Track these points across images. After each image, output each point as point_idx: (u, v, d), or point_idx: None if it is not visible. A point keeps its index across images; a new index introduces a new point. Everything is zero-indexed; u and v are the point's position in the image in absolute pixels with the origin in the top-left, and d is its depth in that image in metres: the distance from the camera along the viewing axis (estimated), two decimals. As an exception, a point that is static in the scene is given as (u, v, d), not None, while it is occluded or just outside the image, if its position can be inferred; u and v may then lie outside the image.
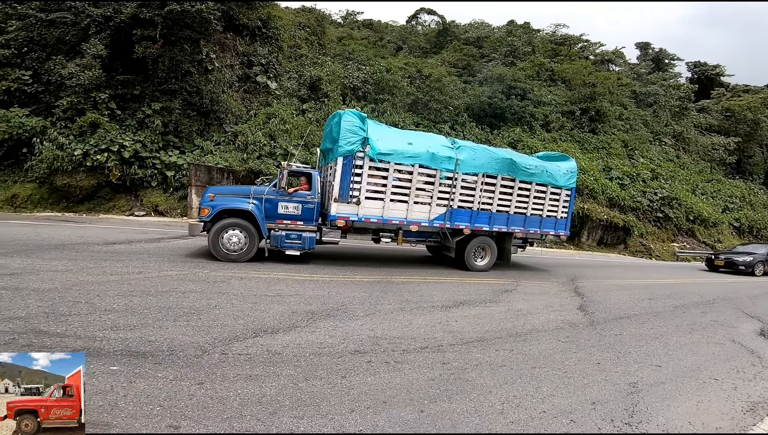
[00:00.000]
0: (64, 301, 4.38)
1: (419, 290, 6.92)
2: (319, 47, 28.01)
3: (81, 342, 3.42)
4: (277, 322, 4.54)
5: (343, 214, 8.20)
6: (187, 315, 4.42)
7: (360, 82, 23.64)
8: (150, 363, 3.25)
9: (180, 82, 17.75)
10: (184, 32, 16.79)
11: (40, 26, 17.71)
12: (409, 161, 8.60)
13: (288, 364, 3.52)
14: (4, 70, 17.09)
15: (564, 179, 10.55)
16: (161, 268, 6.59)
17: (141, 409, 2.63)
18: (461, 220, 9.24)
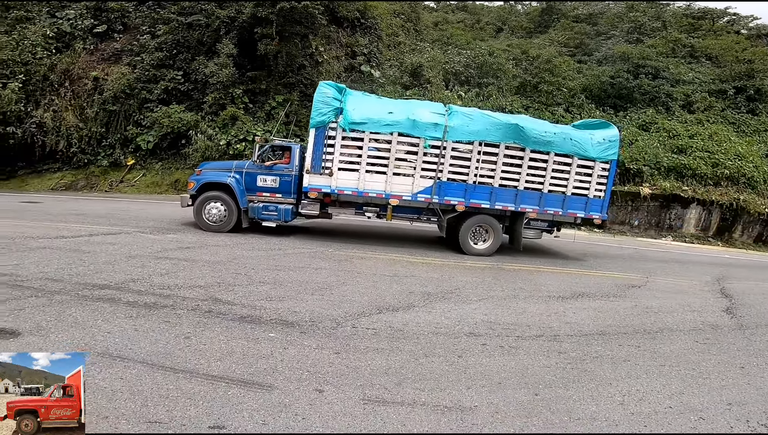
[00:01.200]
0: (229, 272, 5.37)
1: (532, 279, 6.82)
2: (415, 33, 28.07)
3: (246, 310, 4.20)
4: (397, 300, 4.97)
5: (315, 186, 8.09)
6: (322, 290, 5.09)
7: (462, 67, 23.18)
8: (297, 332, 3.85)
9: (296, 75, 19.28)
10: (294, 28, 18.12)
11: (182, 29, 19.98)
12: (387, 130, 8.07)
13: (409, 341, 3.87)
14: (162, 72, 20.03)
15: (598, 149, 8.65)
16: (295, 245, 7.56)
17: (294, 374, 3.10)
18: (453, 194, 8.30)
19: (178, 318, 3.84)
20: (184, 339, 3.43)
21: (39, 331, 3.25)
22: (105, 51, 21.10)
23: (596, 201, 8.76)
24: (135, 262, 5.46)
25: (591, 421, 2.91)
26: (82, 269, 4.92)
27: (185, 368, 2.97)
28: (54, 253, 5.60)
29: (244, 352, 3.32)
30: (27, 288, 4.14)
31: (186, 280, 4.88)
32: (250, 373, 3.02)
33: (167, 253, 6.13)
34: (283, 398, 2.75)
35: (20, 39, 18.74)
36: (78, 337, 3.25)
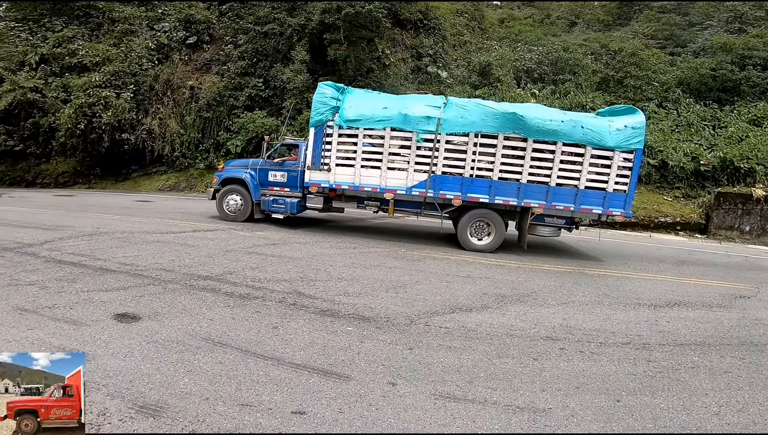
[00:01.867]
0: (310, 268, 5.76)
1: (619, 285, 6.37)
2: (480, 32, 27.19)
3: (326, 304, 4.49)
4: (470, 301, 4.96)
5: (315, 181, 8.45)
6: (396, 288, 5.25)
7: (534, 64, 22.16)
8: (373, 327, 4.04)
9: (365, 78, 19.61)
10: (360, 32, 18.56)
11: (259, 38, 21.09)
12: (380, 125, 8.16)
13: (482, 341, 3.88)
14: (245, 80, 21.48)
15: (617, 138, 7.69)
16: (369, 245, 7.82)
17: (369, 366, 3.26)
18: (449, 188, 8.09)
19: (268, 309, 4.22)
20: (272, 329, 3.78)
21: (156, 316, 3.79)
22: (197, 61, 23.22)
23: (617, 196, 7.83)
24: (230, 256, 6.07)
25: (680, 429, 2.73)
26: (189, 261, 5.60)
27: (273, 356, 3.28)
28: (165, 247, 6.43)
29: (324, 344, 3.57)
30: (146, 277, 4.83)
31: (273, 274, 5.33)
32: (330, 363, 3.24)
33: (257, 248, 6.73)
34: (359, 389, 2.91)
35: (128, 51, 21.26)
36: (186, 322, 3.73)
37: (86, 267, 5.05)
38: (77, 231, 7.33)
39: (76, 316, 3.60)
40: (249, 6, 22.92)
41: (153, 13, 23.17)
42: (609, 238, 10.81)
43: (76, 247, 6.05)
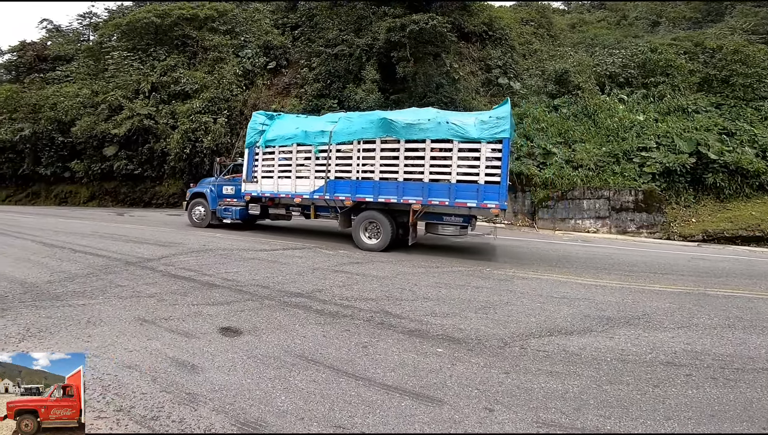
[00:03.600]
0: (395, 287, 5.73)
1: (753, 307, 5.45)
2: (550, 39, 26.04)
3: (413, 324, 4.40)
4: (570, 323, 4.55)
5: (248, 191, 10.42)
6: (485, 308, 5.00)
7: (618, 68, 20.72)
8: (464, 349, 3.85)
9: (435, 94, 19.51)
10: (426, 48, 18.55)
11: (331, 60, 21.78)
12: (289, 142, 9.65)
13: (588, 366, 3.51)
14: (321, 101, 21.87)
15: (481, 129, 7.87)
16: (452, 263, 7.62)
17: (463, 390, 3.08)
18: (342, 191, 8.99)
19: (357, 328, 4.24)
20: (362, 348, 3.76)
21: (255, 331, 3.98)
22: (278, 85, 24.78)
23: (491, 187, 7.79)
24: (318, 274, 6.28)
25: None
26: (281, 278, 5.89)
27: (364, 376, 3.24)
28: (260, 264, 6.86)
29: (415, 365, 3.46)
30: (245, 292, 5.14)
31: (360, 293, 5.38)
32: (421, 386, 3.12)
33: (342, 267, 6.89)
34: (453, 414, 2.75)
35: (219, 78, 23.33)
36: (282, 338, 3.86)
37: (195, 282, 5.53)
38: (187, 248, 8.14)
39: (187, 328, 3.91)
40: (318, 30, 24.22)
41: (237, 40, 25.34)
42: (731, 254, 9.42)
43: (187, 263, 6.68)
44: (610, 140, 16.87)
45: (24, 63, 31.44)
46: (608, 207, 14.46)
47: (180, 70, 23.25)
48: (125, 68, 23.68)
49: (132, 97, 22.60)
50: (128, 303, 4.50)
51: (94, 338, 3.54)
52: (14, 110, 24.97)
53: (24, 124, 24.14)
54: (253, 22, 26.06)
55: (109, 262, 6.52)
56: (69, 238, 9.14)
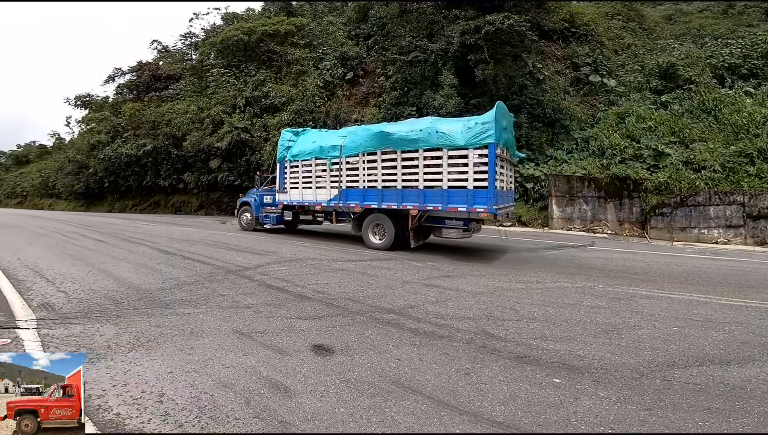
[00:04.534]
0: (494, 305, 5.18)
1: None
2: (642, 32, 23.27)
3: (521, 349, 3.85)
4: (723, 352, 3.70)
5: (280, 200, 11.91)
6: (606, 332, 4.25)
7: (738, 59, 17.91)
8: (588, 380, 3.24)
9: (519, 96, 18.51)
10: (505, 49, 17.53)
11: (406, 67, 21.52)
12: (308, 157, 10.89)
13: (760, 402, 2.83)
14: (400, 109, 21.51)
15: (467, 136, 8.17)
16: (555, 279, 6.80)
17: (594, 430, 2.58)
18: (353, 199, 9.94)
19: (456, 351, 3.81)
20: (464, 375, 3.33)
21: (347, 350, 3.75)
22: (356, 95, 25.12)
23: (480, 192, 8.08)
24: (408, 288, 5.95)
25: None
26: (371, 292, 5.66)
27: (469, 410, 2.81)
28: (349, 275, 6.72)
29: (528, 398, 2.95)
30: (336, 306, 4.98)
31: (455, 311, 4.93)
32: (539, 423, 2.63)
33: (432, 280, 6.48)
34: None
35: (303, 90, 24.26)
36: (375, 360, 3.57)
37: (288, 293, 5.53)
38: (280, 257, 8.37)
39: (281, 344, 3.80)
40: (391, 37, 24.15)
41: (315, 53, 26.28)
42: None
43: (280, 273, 6.80)
44: (741, 138, 14.37)
45: (142, 82, 35.95)
46: (742, 214, 12.17)
47: (269, 84, 24.75)
48: (223, 84, 25.81)
49: (230, 112, 24.57)
50: (228, 314, 4.57)
51: (195, 351, 3.57)
52: (137, 127, 28.62)
53: (146, 139, 27.57)
54: (328, 34, 26.99)
55: (212, 270, 6.86)
56: (181, 245, 9.97)
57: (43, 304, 4.65)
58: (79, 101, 38.59)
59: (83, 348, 3.46)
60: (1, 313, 4.25)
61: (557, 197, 15.34)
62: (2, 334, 3.65)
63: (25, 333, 3.70)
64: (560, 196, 15.25)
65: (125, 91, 37.07)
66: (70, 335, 3.72)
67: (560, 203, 15.26)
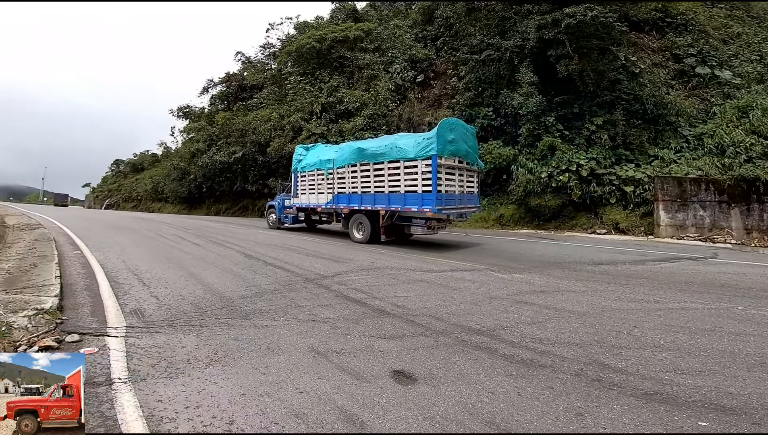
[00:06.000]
0: (605, 329, 4.36)
1: None
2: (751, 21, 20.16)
3: (648, 384, 3.10)
4: None
5: (294, 204, 14.97)
6: (763, 365, 3.33)
7: None
8: (746, 422, 2.53)
9: (612, 92, 16.85)
10: (590, 42, 15.95)
11: (479, 67, 20.64)
12: (312, 168, 13.70)
13: None
14: (475, 110, 20.97)
15: (417, 149, 9.96)
16: (677, 298, 5.70)
17: None
18: (342, 202, 12.33)
19: (562, 384, 3.17)
20: (576, 416, 2.71)
21: (431, 379, 3.28)
22: (428, 98, 24.55)
23: (428, 196, 9.72)
24: (497, 304, 5.30)
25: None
26: (455, 308, 5.12)
27: (590, 468, 2.21)
28: (429, 288, 6.23)
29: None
30: (417, 324, 4.53)
31: (557, 334, 4.22)
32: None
33: (524, 296, 5.75)
34: None
35: (375, 95, 24.15)
36: (464, 393, 3.06)
37: (366, 306, 5.21)
38: (357, 265, 8.14)
39: (358, 368, 3.45)
40: (459, 37, 23.20)
41: (385, 57, 26.13)
42: None
43: (358, 282, 6.52)
44: None
45: (231, 92, 38.71)
46: None
47: (342, 90, 25.22)
48: (300, 92, 26.84)
49: (308, 118, 25.43)
50: (305, 328, 4.36)
51: (270, 370, 3.36)
52: (228, 135, 30.85)
53: (236, 147, 29.61)
54: (395, 38, 26.83)
55: (291, 278, 6.80)
56: (264, 249, 10.26)
57: (135, 310, 4.82)
58: (180, 112, 42.80)
59: (164, 361, 3.41)
60: (95, 319, 4.45)
61: (665, 202, 13.51)
62: (91, 342, 3.76)
63: (113, 341, 3.77)
64: (669, 201, 13.38)
65: (217, 102, 40.32)
66: (153, 346, 3.72)
67: (669, 209, 13.38)
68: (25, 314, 4.23)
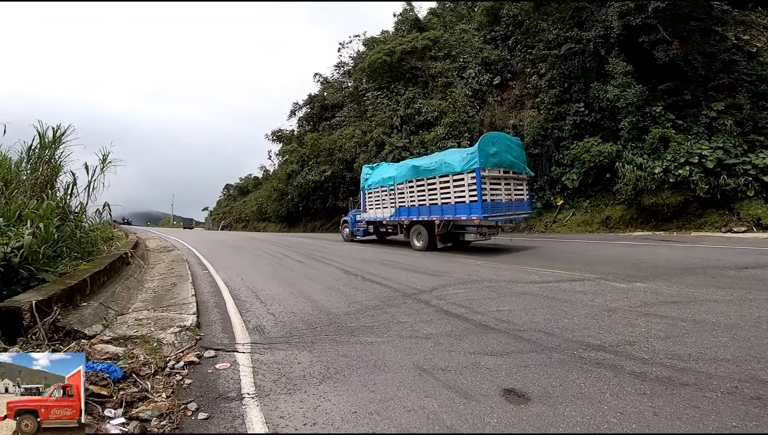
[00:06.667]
0: (763, 342, 3.71)
1: None
2: None
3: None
4: None
5: (363, 218, 16.97)
6: None
7: None
8: None
9: (729, 74, 14.97)
10: (688, 23, 14.45)
11: (560, 62, 19.36)
12: (376, 185, 15.56)
13: None
14: (563, 108, 19.57)
15: (462, 164, 11.21)
16: None
17: None
18: (403, 214, 13.89)
19: (711, 403, 2.76)
20: (732, 441, 2.32)
21: (546, 398, 3.06)
22: (509, 99, 23.37)
23: (474, 205, 10.87)
24: (619, 318, 4.79)
25: None
26: (568, 323, 4.74)
27: None
28: (535, 300, 5.87)
29: None
30: (526, 340, 4.29)
31: (700, 350, 3.68)
32: None
33: (650, 308, 5.13)
34: None
35: (453, 102, 23.56)
36: (587, 413, 2.81)
37: (468, 321, 5.07)
38: (455, 278, 7.99)
39: (465, 386, 3.36)
40: (532, 34, 21.89)
41: (456, 63, 25.43)
42: None
43: (457, 297, 6.38)
44: None
45: (315, 113, 40.95)
46: None
47: (419, 101, 25.22)
48: (379, 106, 27.40)
49: (389, 133, 25.84)
50: (408, 344, 4.38)
51: (378, 387, 3.42)
52: (317, 155, 32.69)
53: (325, 166, 31.25)
54: (464, 42, 26.17)
55: (390, 293, 6.90)
56: (360, 265, 10.61)
57: (257, 326, 5.26)
58: (274, 136, 46.56)
59: (283, 377, 3.67)
60: (226, 335, 4.95)
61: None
62: (224, 357, 4.18)
63: (241, 357, 4.15)
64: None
65: (304, 123, 43.07)
66: (274, 362, 4.01)
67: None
68: (172, 331, 4.87)
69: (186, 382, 3.59)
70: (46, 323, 4.14)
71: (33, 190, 7.79)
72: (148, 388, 3.36)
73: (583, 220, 18.09)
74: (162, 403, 3.15)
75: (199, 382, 3.60)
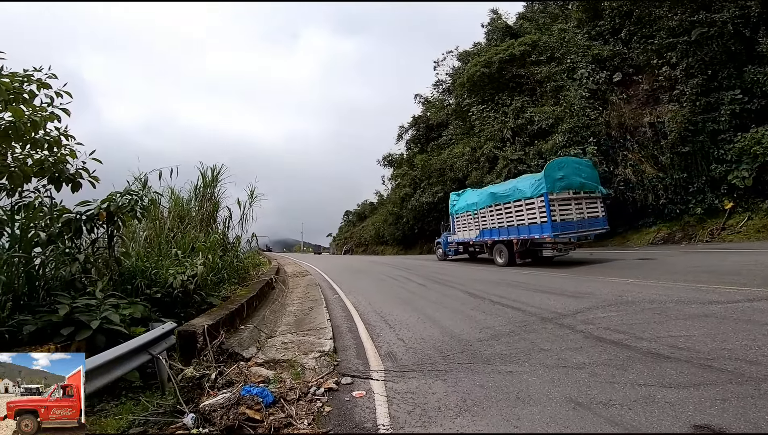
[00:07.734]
0: None
1: None
2: None
3: None
4: None
5: (453, 239, 19.56)
6: None
7: None
8: None
9: None
10: None
11: (694, 49, 17.21)
12: (462, 211, 18.25)
13: None
14: (714, 96, 16.98)
15: (531, 190, 13.18)
16: None
17: None
18: (486, 235, 16.09)
19: None
20: None
21: None
22: (637, 96, 20.47)
23: (545, 225, 12.65)
24: None
25: None
26: (775, 350, 3.70)
27: None
28: (722, 324, 4.80)
29: None
30: (718, 370, 3.46)
31: None
32: None
33: None
34: None
35: (569, 106, 21.25)
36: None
37: (630, 349, 4.31)
38: (601, 299, 7.05)
39: (638, 422, 2.77)
40: (647, 23, 19.35)
41: (563, 65, 23.12)
42: None
43: (609, 321, 5.56)
44: None
45: (421, 135, 41.08)
46: None
47: (529, 109, 23.58)
48: (486, 120, 26.26)
49: (501, 146, 24.57)
50: (555, 374, 3.85)
51: (522, 423, 3.02)
52: (429, 176, 32.69)
53: (437, 186, 31.10)
54: (566, 42, 23.75)
55: (525, 317, 6.32)
56: (484, 286, 10.08)
57: (388, 353, 5.20)
58: (385, 161, 48.10)
59: (418, 408, 3.48)
60: (360, 361, 4.99)
61: None
62: (360, 385, 4.17)
63: (376, 385, 4.08)
64: None
65: (412, 145, 43.63)
66: (408, 391, 3.86)
67: None
68: (312, 356, 5.10)
69: (326, 409, 3.64)
70: (214, 346, 4.67)
71: (201, 224, 9.34)
72: (293, 414, 3.48)
73: (764, 225, 14.74)
74: (304, 431, 3.21)
75: (337, 410, 3.62)
